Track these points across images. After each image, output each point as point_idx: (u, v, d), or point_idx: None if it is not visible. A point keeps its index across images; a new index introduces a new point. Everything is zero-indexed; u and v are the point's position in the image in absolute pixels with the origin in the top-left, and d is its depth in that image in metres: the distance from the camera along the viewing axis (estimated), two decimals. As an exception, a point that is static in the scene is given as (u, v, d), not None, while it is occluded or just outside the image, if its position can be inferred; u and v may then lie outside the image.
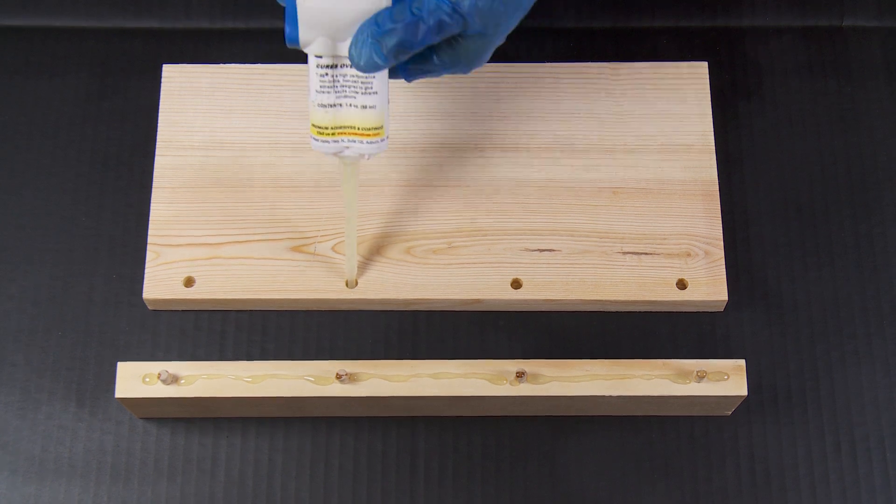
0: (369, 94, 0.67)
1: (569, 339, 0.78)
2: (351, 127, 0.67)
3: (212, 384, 0.72)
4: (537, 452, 0.76)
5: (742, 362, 0.72)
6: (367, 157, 0.68)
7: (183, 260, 0.78)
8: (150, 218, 0.79)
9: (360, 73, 0.66)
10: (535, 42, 0.86)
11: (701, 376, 0.71)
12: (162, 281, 0.78)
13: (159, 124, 0.82)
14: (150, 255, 0.78)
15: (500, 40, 0.69)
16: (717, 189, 0.80)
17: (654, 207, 0.80)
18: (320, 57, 0.66)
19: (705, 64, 0.84)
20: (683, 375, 0.72)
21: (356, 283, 0.77)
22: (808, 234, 0.81)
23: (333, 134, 0.68)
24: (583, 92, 0.83)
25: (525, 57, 0.85)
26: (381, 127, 0.68)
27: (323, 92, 0.67)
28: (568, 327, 0.78)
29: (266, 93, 0.83)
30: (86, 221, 0.81)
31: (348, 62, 0.65)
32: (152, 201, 0.80)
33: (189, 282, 0.78)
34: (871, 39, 0.86)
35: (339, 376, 0.71)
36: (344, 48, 0.65)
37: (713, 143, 0.81)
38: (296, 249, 0.78)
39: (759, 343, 0.78)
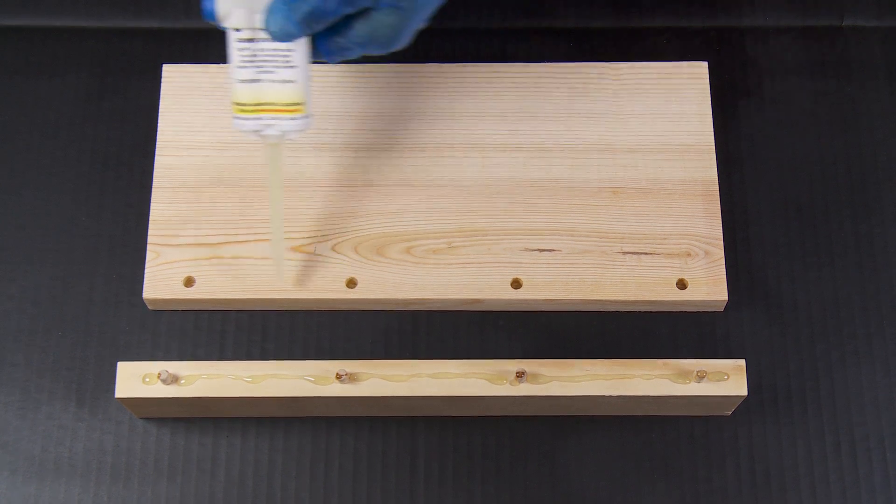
0: (289, 67, 0.67)
1: (569, 339, 0.78)
2: (271, 103, 0.68)
3: (212, 384, 0.72)
4: (537, 452, 0.76)
5: (742, 362, 0.72)
6: (289, 136, 0.69)
7: (183, 260, 0.78)
8: (150, 218, 0.79)
9: (280, 47, 0.67)
10: (535, 42, 0.86)
11: (701, 376, 0.71)
12: (162, 281, 0.78)
13: (159, 124, 0.82)
14: (150, 255, 0.78)
15: (418, 21, 0.69)
16: (717, 189, 0.80)
17: (654, 207, 0.80)
18: (239, 31, 0.67)
19: (705, 64, 0.84)
20: (683, 375, 0.72)
21: (289, 280, 0.77)
22: (808, 234, 0.81)
23: (255, 111, 0.68)
24: (583, 92, 0.83)
25: (525, 57, 0.85)
26: (303, 103, 0.68)
27: (243, 67, 0.67)
28: (568, 327, 0.78)
29: (266, 93, 0.83)
30: (86, 221, 0.81)
31: (267, 36, 0.66)
32: (152, 201, 0.80)
33: (189, 282, 0.78)
34: (871, 39, 0.86)
35: (339, 376, 0.71)
36: (261, 20, 0.66)
37: (713, 143, 0.81)
38: (296, 249, 0.78)
39: (759, 343, 0.78)
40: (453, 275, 0.78)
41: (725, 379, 0.72)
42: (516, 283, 0.78)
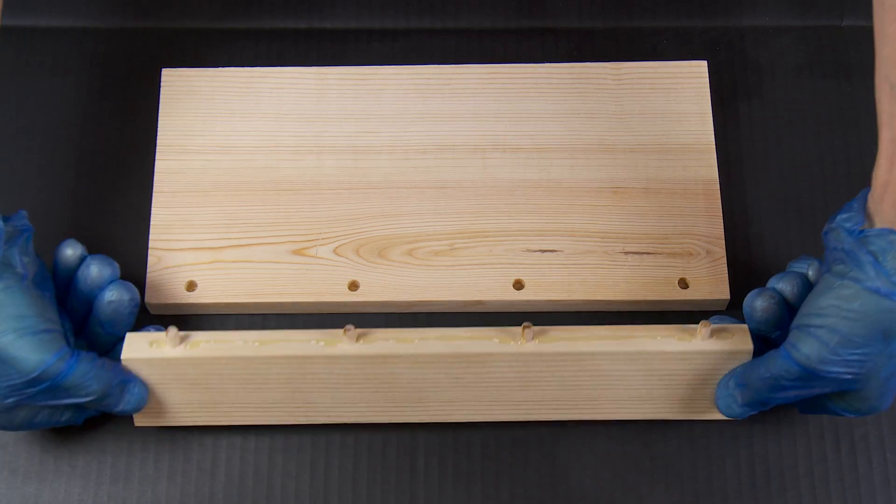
0: None
1: (570, 339, 0.78)
2: None
3: (220, 346, 0.70)
4: (537, 453, 0.76)
5: (745, 326, 0.71)
6: None
7: (185, 264, 0.78)
8: (151, 222, 0.79)
9: None
10: (535, 42, 0.86)
11: (706, 328, 0.70)
12: (164, 286, 0.78)
13: (159, 128, 0.82)
14: (151, 260, 0.78)
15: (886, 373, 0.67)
16: (718, 188, 0.80)
17: (655, 207, 0.80)
18: None
19: (705, 64, 0.84)
20: (689, 332, 0.71)
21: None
22: (808, 234, 0.81)
23: None
24: (583, 92, 0.83)
25: (525, 57, 0.85)
26: None
27: None
28: (569, 327, 0.79)
29: (265, 96, 0.83)
30: (86, 221, 0.81)
31: None
32: (153, 205, 0.79)
33: (191, 286, 0.77)
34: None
35: (346, 331, 0.70)
36: None
37: (713, 143, 0.81)
38: (297, 252, 0.78)
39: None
40: (455, 276, 0.78)
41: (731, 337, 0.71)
42: (518, 284, 0.78)
